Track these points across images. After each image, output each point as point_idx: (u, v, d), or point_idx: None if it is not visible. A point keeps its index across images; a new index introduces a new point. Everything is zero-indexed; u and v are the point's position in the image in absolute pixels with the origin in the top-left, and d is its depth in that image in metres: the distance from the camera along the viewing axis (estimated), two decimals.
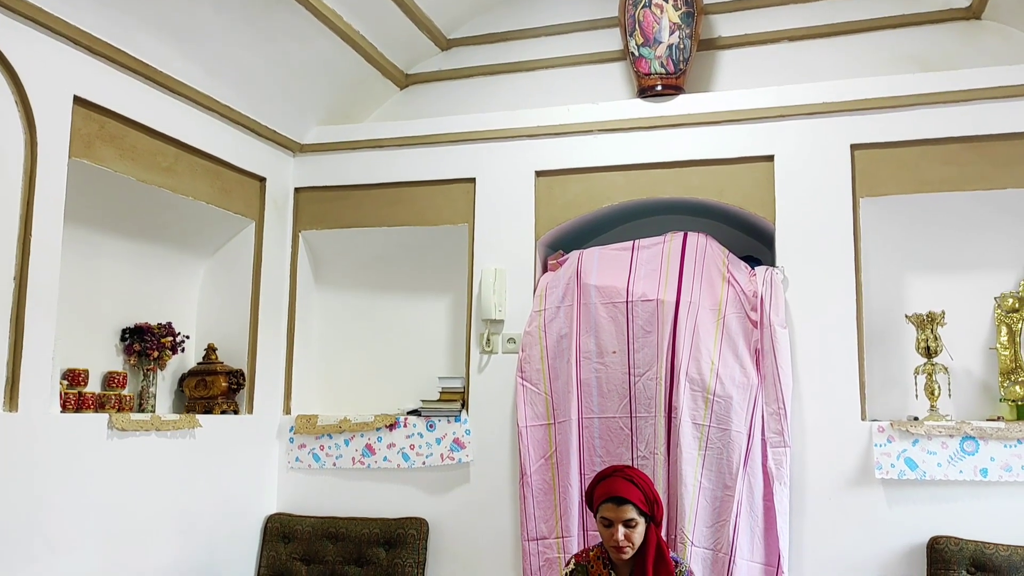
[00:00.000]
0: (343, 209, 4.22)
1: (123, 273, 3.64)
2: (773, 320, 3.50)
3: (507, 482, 3.84)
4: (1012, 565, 3.08)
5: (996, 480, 3.26)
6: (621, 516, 2.73)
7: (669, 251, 3.76)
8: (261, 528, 3.98)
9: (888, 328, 3.62)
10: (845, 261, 3.54)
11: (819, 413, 3.49)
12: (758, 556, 3.41)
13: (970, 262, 3.60)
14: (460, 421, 3.93)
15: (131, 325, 3.62)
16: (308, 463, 4.09)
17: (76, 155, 3.04)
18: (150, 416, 3.34)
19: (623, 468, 2.88)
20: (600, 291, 3.73)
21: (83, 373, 3.23)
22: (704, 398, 3.49)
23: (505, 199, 3.99)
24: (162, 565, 3.38)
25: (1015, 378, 3.38)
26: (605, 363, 3.68)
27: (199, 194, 3.67)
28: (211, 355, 3.86)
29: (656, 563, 2.75)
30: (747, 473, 3.43)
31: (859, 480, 3.41)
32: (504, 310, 3.95)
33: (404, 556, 3.78)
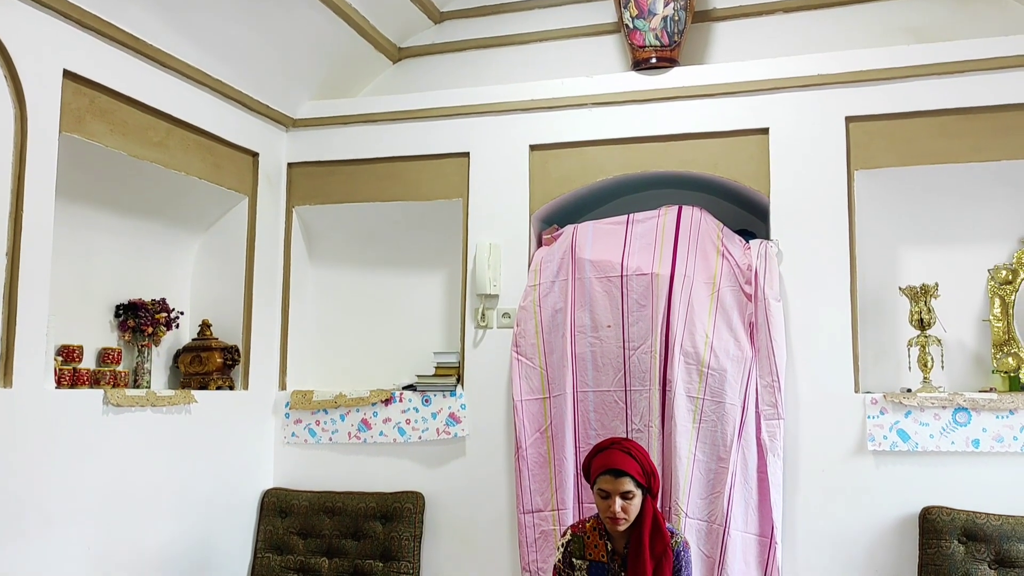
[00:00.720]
0: (336, 184, 4.21)
1: (116, 249, 3.62)
2: (767, 293, 3.51)
3: (502, 456, 3.86)
4: (1003, 534, 3.12)
5: (988, 451, 3.29)
6: (618, 488, 2.75)
7: (664, 225, 3.76)
8: (258, 503, 4.00)
9: (882, 300, 3.63)
10: (839, 234, 3.54)
11: (813, 385, 3.50)
12: (752, 527, 3.44)
13: (964, 234, 3.61)
14: (455, 396, 3.94)
15: (125, 301, 3.61)
16: (304, 438, 4.11)
17: (67, 130, 3.02)
18: (145, 392, 3.35)
19: (620, 440, 2.90)
20: (595, 265, 3.73)
21: (77, 349, 3.23)
22: (698, 371, 3.50)
23: (499, 173, 3.98)
24: (159, 540, 3.40)
25: (1008, 350, 3.40)
26: (600, 337, 3.69)
27: (191, 169, 3.65)
28: (206, 331, 3.86)
29: (652, 534, 2.78)
30: (741, 445, 3.46)
31: (852, 452, 3.44)
32: (499, 285, 3.95)
33: (401, 530, 3.80)
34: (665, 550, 2.77)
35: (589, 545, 2.90)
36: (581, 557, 2.90)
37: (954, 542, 3.16)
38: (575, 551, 2.92)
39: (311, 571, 3.82)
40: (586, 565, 2.89)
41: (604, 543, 2.87)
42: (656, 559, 2.76)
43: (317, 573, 3.81)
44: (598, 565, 2.87)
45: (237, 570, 3.85)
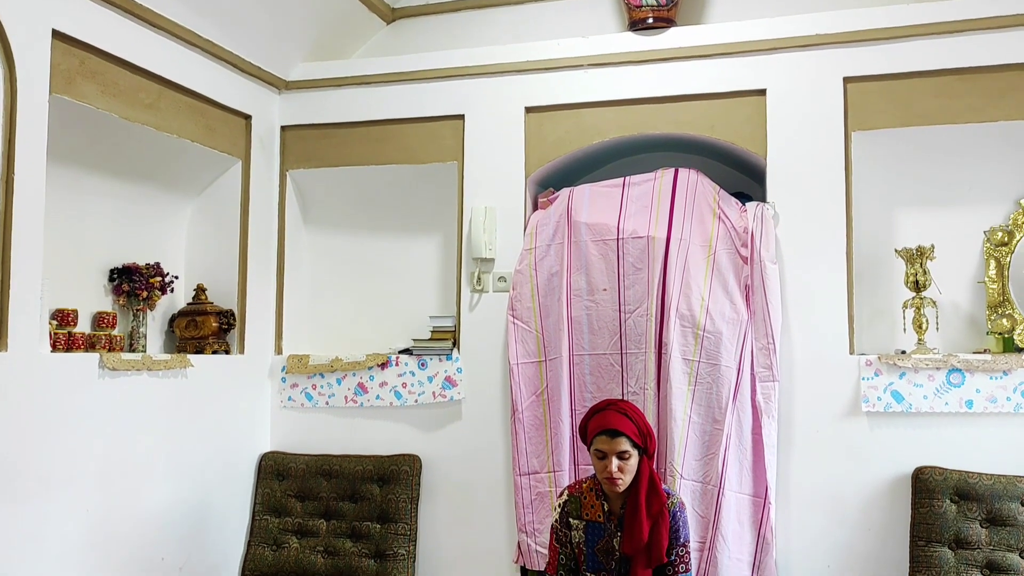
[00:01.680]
0: (330, 147, 4.18)
1: (109, 212, 3.60)
2: (763, 256, 3.51)
3: (498, 419, 3.87)
4: (995, 493, 3.15)
5: (981, 411, 3.31)
6: (615, 448, 2.77)
7: (660, 188, 3.75)
8: (255, 466, 4.02)
9: (877, 263, 3.63)
10: (836, 196, 3.53)
11: (808, 348, 3.52)
12: (746, 488, 3.47)
13: (960, 196, 3.60)
14: (451, 359, 3.95)
15: (119, 265, 3.60)
16: (301, 402, 4.12)
17: (57, 91, 2.98)
18: (141, 356, 3.34)
19: (616, 402, 2.91)
20: (591, 228, 3.72)
21: (72, 313, 3.22)
22: (694, 334, 3.51)
23: (494, 136, 3.95)
24: (158, 502, 3.42)
25: (1002, 311, 3.41)
26: (596, 300, 3.69)
27: (183, 132, 3.61)
28: (201, 295, 3.85)
29: (648, 495, 2.79)
30: (736, 407, 3.48)
31: (846, 413, 3.46)
32: (494, 249, 3.93)
33: (398, 492, 3.83)
34: (661, 510, 2.79)
35: (586, 505, 2.92)
36: (578, 517, 2.93)
37: (946, 501, 3.19)
38: (572, 511, 2.94)
39: (309, 533, 3.85)
40: (583, 525, 2.91)
41: (600, 503, 2.89)
42: (652, 519, 2.78)
43: (315, 535, 3.84)
44: (594, 525, 2.89)
45: (236, 532, 3.88)
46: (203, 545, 3.65)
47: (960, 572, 3.10)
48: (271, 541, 3.85)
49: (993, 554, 3.10)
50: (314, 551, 3.79)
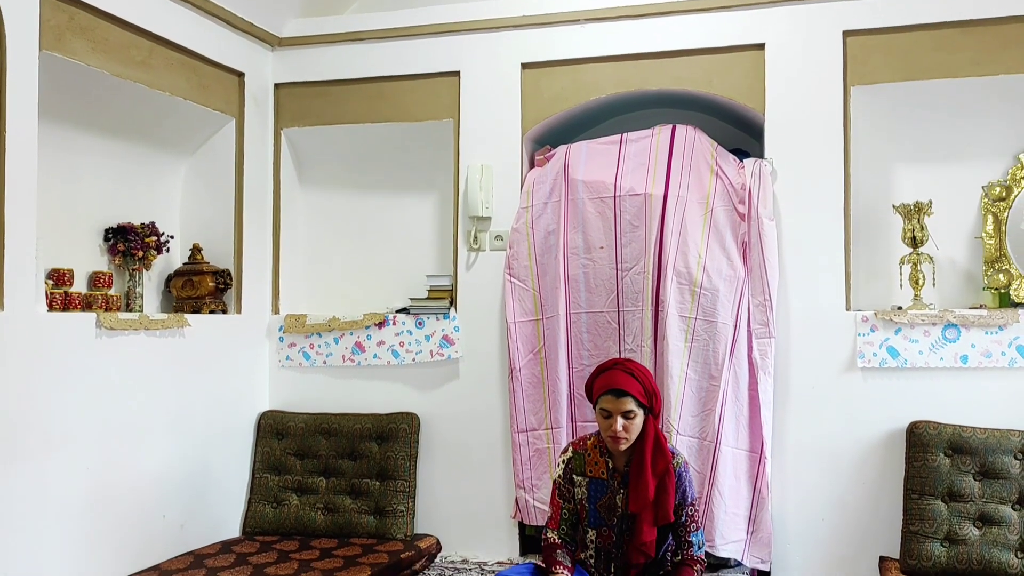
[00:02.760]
0: (325, 105, 4.13)
1: (103, 171, 3.57)
2: (761, 212, 3.50)
3: (496, 377, 3.89)
4: (988, 447, 3.18)
5: (976, 366, 3.33)
6: (620, 408, 2.77)
7: (657, 144, 3.72)
8: (254, 425, 4.04)
9: (875, 219, 3.63)
10: (834, 152, 3.51)
11: (804, 304, 3.52)
12: (742, 443, 3.50)
13: (959, 151, 3.58)
14: (449, 318, 3.95)
15: (114, 225, 3.58)
16: (299, 362, 4.13)
17: (47, 48, 2.94)
18: (138, 315, 3.34)
19: (623, 361, 2.90)
20: (588, 186, 3.70)
21: (68, 273, 3.21)
22: (691, 291, 3.51)
23: (490, 93, 3.91)
24: (158, 461, 3.44)
25: (999, 267, 3.41)
26: (593, 258, 3.69)
27: (176, 89, 3.57)
28: (196, 255, 3.83)
29: (654, 453, 2.80)
30: (733, 364, 3.49)
31: (842, 369, 3.48)
32: (491, 207, 3.92)
33: (396, 449, 3.86)
34: (667, 469, 2.80)
35: (589, 462, 2.93)
36: (581, 473, 2.94)
37: (940, 455, 3.22)
38: (576, 467, 2.95)
39: (309, 490, 3.88)
40: (586, 481, 2.93)
41: (604, 461, 2.91)
42: (658, 478, 2.79)
43: (315, 492, 3.88)
44: (598, 482, 2.91)
45: (236, 490, 3.91)
46: (204, 503, 3.69)
47: (953, 524, 3.14)
48: (271, 498, 3.88)
49: (986, 506, 3.13)
50: (314, 508, 3.83)
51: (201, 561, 3.35)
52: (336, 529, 3.77)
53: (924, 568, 3.12)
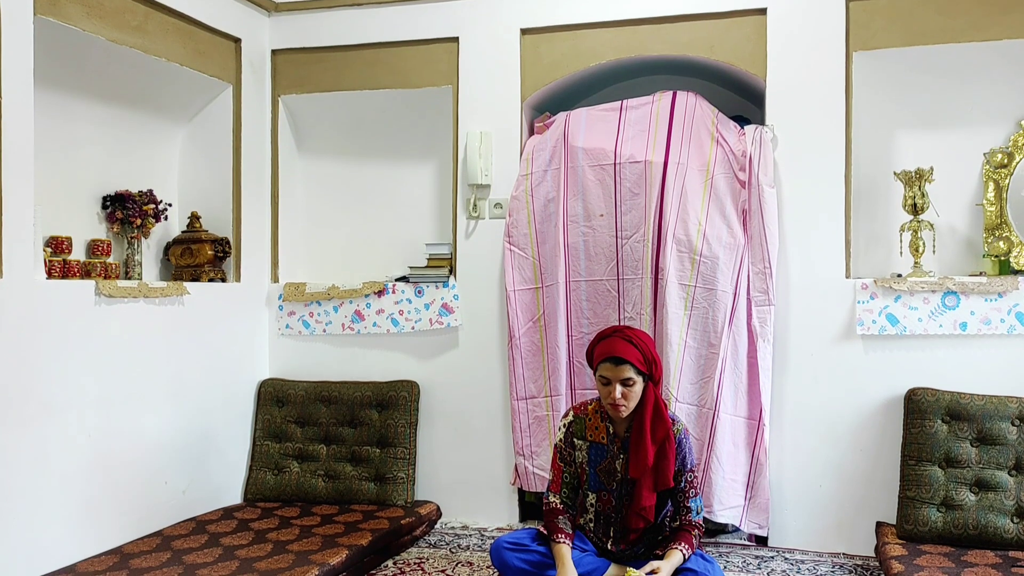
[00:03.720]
0: (322, 72, 4.10)
1: (100, 139, 3.55)
2: (761, 180, 3.48)
3: (496, 345, 3.90)
4: (986, 413, 3.19)
5: (975, 333, 3.33)
6: (619, 375, 2.77)
7: (658, 111, 3.70)
8: (255, 393, 4.05)
9: (876, 186, 3.61)
10: (836, 118, 3.49)
11: (804, 271, 3.52)
12: (741, 410, 3.51)
13: (961, 117, 3.56)
14: (448, 287, 3.95)
15: (111, 192, 3.56)
16: (298, 330, 4.13)
17: (41, 12, 2.91)
18: (137, 283, 3.33)
19: (623, 328, 2.90)
20: (588, 153, 3.68)
21: (66, 240, 3.20)
22: (691, 259, 3.51)
23: (490, 59, 3.88)
24: (159, 427, 3.45)
25: (999, 234, 3.40)
26: (592, 226, 3.68)
27: (172, 55, 3.54)
28: (195, 223, 3.82)
29: (654, 420, 2.81)
30: (732, 331, 3.49)
31: (841, 336, 3.48)
32: (490, 175, 3.90)
33: (396, 417, 3.87)
34: (667, 435, 2.81)
35: (590, 427, 2.95)
36: (582, 437, 2.96)
37: (937, 421, 3.24)
38: (577, 431, 2.97)
39: (310, 457, 3.90)
40: (586, 446, 2.94)
41: (605, 426, 2.92)
42: (658, 444, 2.80)
43: (316, 459, 3.90)
44: (598, 447, 2.93)
45: (237, 457, 3.93)
46: (205, 469, 3.71)
47: (949, 490, 3.16)
48: (272, 465, 3.90)
49: (983, 472, 3.15)
50: (315, 475, 3.85)
51: (203, 527, 3.38)
52: (337, 496, 3.80)
53: (920, 533, 3.15)
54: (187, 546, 3.14)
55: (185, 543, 3.17)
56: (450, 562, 3.35)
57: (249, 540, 3.21)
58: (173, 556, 3.02)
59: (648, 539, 2.94)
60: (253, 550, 3.08)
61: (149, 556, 3.02)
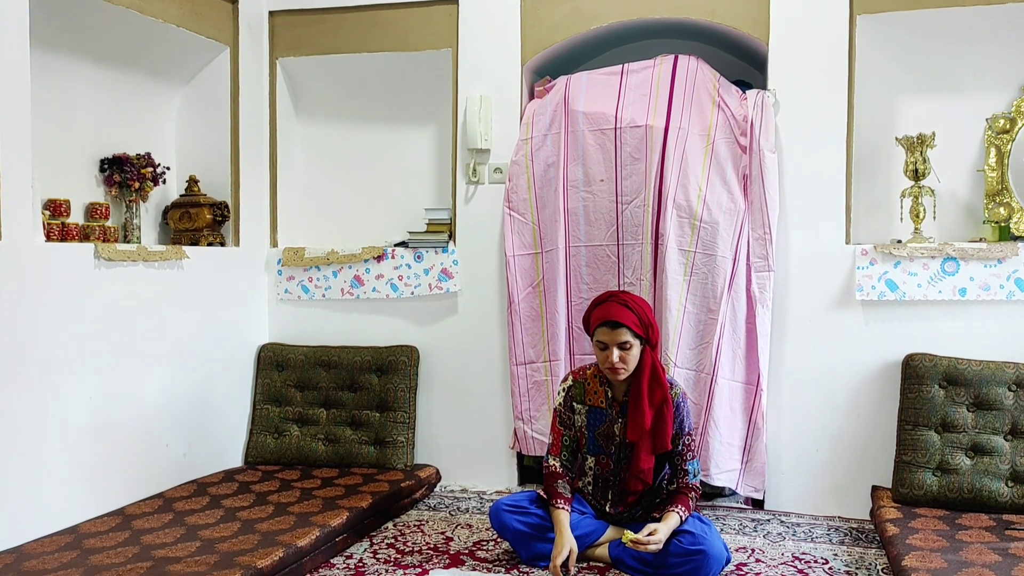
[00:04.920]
0: (321, 34, 4.06)
1: (97, 101, 3.52)
2: (762, 144, 3.46)
3: (495, 310, 3.90)
4: (983, 379, 3.20)
5: (974, 299, 3.34)
6: (615, 339, 2.78)
7: (659, 75, 3.67)
8: (254, 357, 4.06)
9: (877, 151, 3.60)
10: (838, 82, 3.47)
11: (804, 237, 3.52)
12: (739, 376, 3.53)
13: (964, 82, 3.54)
14: (447, 252, 3.95)
15: (109, 155, 3.54)
16: (297, 295, 4.13)
17: None
18: (136, 247, 3.32)
19: (619, 293, 2.91)
20: (588, 118, 3.66)
21: (64, 203, 3.18)
22: (691, 224, 3.50)
23: (489, 21, 3.84)
24: (159, 391, 3.46)
25: (1000, 200, 3.40)
26: (592, 192, 3.67)
27: (168, 16, 3.50)
28: (193, 187, 3.80)
29: (651, 384, 2.83)
30: (731, 297, 3.50)
31: (840, 302, 3.49)
32: (490, 139, 3.88)
33: (396, 382, 3.88)
34: (665, 398, 2.83)
35: (589, 391, 2.97)
36: (581, 402, 2.98)
37: (935, 387, 3.25)
38: (576, 395, 2.99)
39: (310, 421, 3.92)
40: (585, 410, 2.97)
41: (604, 390, 2.94)
42: (656, 407, 2.82)
43: (316, 423, 3.92)
44: (597, 411, 2.95)
45: (237, 420, 3.95)
46: (206, 433, 3.72)
47: (945, 454, 3.18)
48: (272, 429, 3.93)
49: (978, 437, 3.17)
50: (315, 439, 3.87)
51: (204, 489, 3.41)
52: (337, 459, 3.82)
53: (916, 496, 3.18)
54: (189, 508, 3.16)
55: (187, 505, 3.20)
56: (450, 524, 3.38)
57: (250, 502, 3.24)
58: (175, 517, 3.05)
59: (646, 502, 2.98)
60: (255, 512, 3.11)
61: (151, 517, 3.04)
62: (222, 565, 2.53)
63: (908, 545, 2.71)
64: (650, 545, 2.68)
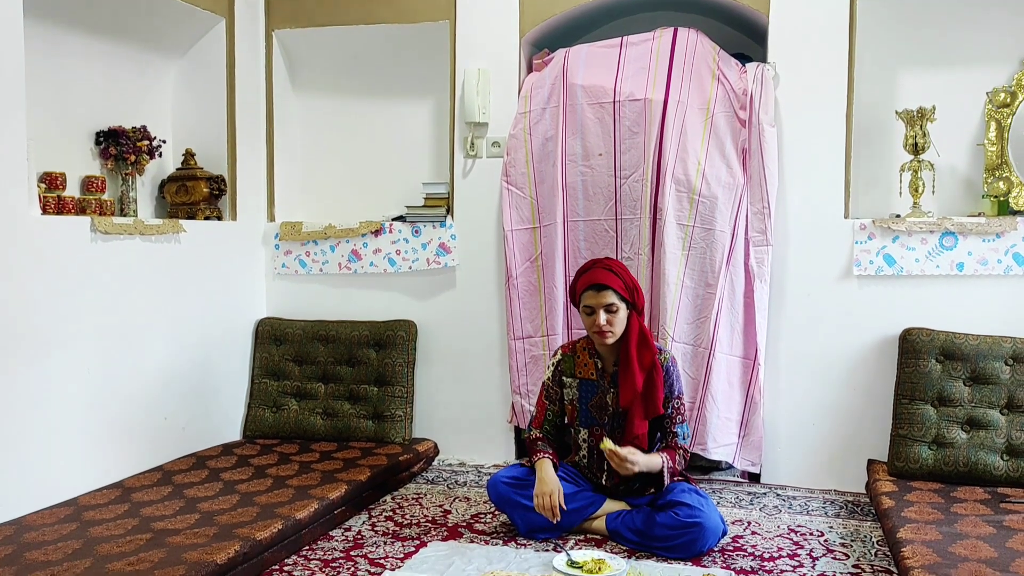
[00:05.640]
0: (316, 5, 4.02)
1: (92, 73, 3.49)
2: (762, 118, 3.45)
3: (493, 285, 3.90)
4: (980, 353, 3.21)
5: (971, 274, 3.34)
6: (601, 301, 2.82)
7: (658, 48, 3.64)
8: (252, 332, 4.06)
9: (877, 126, 3.58)
10: (839, 56, 3.45)
11: (803, 212, 3.51)
12: (736, 350, 3.54)
13: (964, 56, 3.52)
14: (445, 226, 3.94)
15: (105, 128, 3.51)
16: (295, 269, 4.12)
17: None
18: (133, 220, 3.31)
19: (602, 259, 2.97)
20: (587, 91, 3.64)
21: (60, 176, 3.17)
22: (689, 199, 3.49)
23: None
24: (157, 365, 3.46)
25: (999, 174, 3.39)
26: (591, 166, 3.65)
27: None
28: (190, 160, 3.78)
29: (639, 347, 2.86)
30: (729, 271, 3.50)
31: (838, 276, 3.49)
32: (488, 113, 3.86)
33: (394, 356, 3.89)
34: (654, 362, 2.85)
35: (579, 364, 2.98)
36: (571, 375, 2.99)
37: (931, 361, 3.26)
38: (565, 370, 3.01)
39: (308, 395, 3.93)
40: (576, 383, 2.98)
41: (594, 362, 2.95)
42: (645, 371, 2.85)
43: (314, 397, 3.93)
44: (588, 383, 2.96)
45: (236, 394, 3.96)
46: (205, 406, 3.73)
47: (941, 428, 3.20)
48: (271, 403, 3.93)
49: (974, 411, 3.19)
50: (313, 412, 3.88)
51: (203, 462, 3.42)
52: (335, 433, 3.83)
53: (911, 470, 3.19)
54: (188, 480, 3.17)
55: (186, 478, 3.21)
56: (448, 497, 3.40)
57: (249, 475, 3.25)
58: (174, 490, 3.06)
59: (642, 474, 2.99)
60: (253, 484, 3.12)
61: (151, 490, 3.05)
62: (221, 537, 2.54)
63: (903, 518, 2.73)
64: (625, 462, 2.73)
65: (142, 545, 2.49)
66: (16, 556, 2.41)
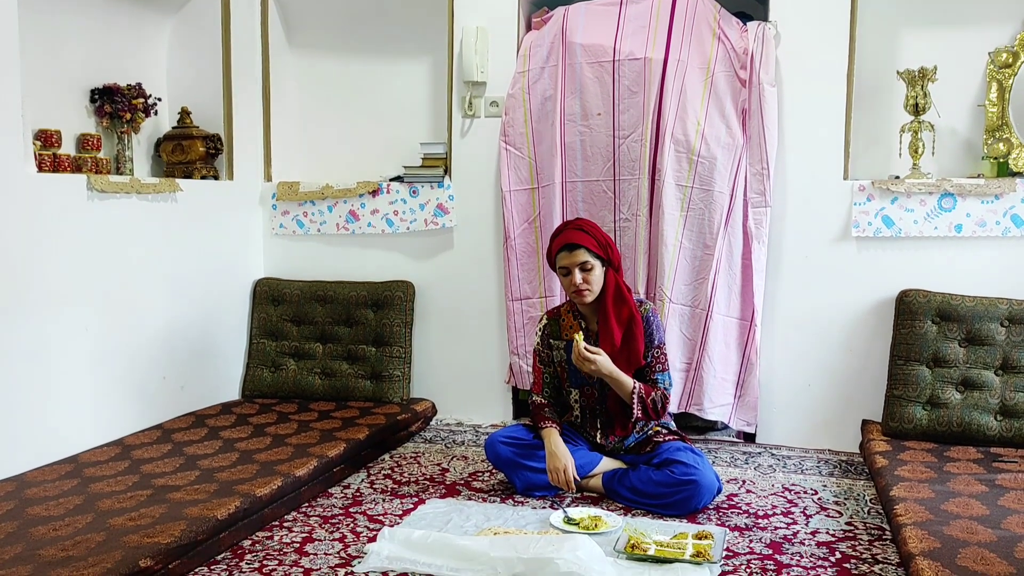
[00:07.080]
0: None
1: (86, 30, 3.45)
2: (762, 78, 3.42)
3: (491, 246, 3.89)
4: (976, 314, 3.22)
5: (969, 235, 3.34)
6: (575, 260, 2.85)
7: (658, 6, 3.60)
8: (250, 291, 4.06)
9: (878, 86, 3.56)
10: (840, 15, 3.41)
11: (802, 173, 3.50)
12: (734, 311, 3.55)
13: (966, 15, 3.48)
14: (443, 187, 3.92)
15: (99, 85, 3.48)
16: (292, 229, 4.11)
17: None
18: (129, 179, 3.29)
19: (573, 220, 3.00)
20: (586, 50, 3.60)
21: (55, 134, 3.14)
22: (688, 159, 3.48)
23: None
24: (155, 323, 3.46)
25: (1000, 135, 3.37)
26: (590, 126, 3.63)
27: None
28: (186, 119, 3.75)
29: (616, 302, 2.91)
30: (727, 232, 3.49)
31: (836, 238, 3.49)
32: (486, 72, 3.82)
33: (392, 316, 3.90)
34: (632, 315, 2.88)
35: (564, 327, 3.01)
36: (558, 338, 3.03)
37: (928, 322, 3.27)
38: (552, 333, 3.04)
39: (306, 355, 3.94)
40: (563, 345, 3.01)
41: (578, 323, 2.98)
42: (623, 325, 2.89)
43: (312, 357, 3.94)
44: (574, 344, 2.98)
45: (234, 354, 3.97)
46: (203, 365, 3.74)
47: (936, 389, 3.22)
48: (269, 363, 3.95)
49: (969, 371, 3.21)
50: (311, 372, 3.90)
51: (203, 421, 3.44)
52: (334, 393, 3.85)
53: (905, 430, 3.22)
54: (187, 438, 3.20)
55: (185, 436, 3.23)
56: (445, 456, 3.42)
57: (248, 434, 3.27)
58: (174, 448, 3.08)
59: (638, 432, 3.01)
60: (252, 443, 3.15)
61: (150, 447, 3.07)
62: (222, 493, 2.56)
63: (896, 476, 2.76)
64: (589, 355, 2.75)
65: (143, 501, 2.51)
66: (18, 511, 2.43)
